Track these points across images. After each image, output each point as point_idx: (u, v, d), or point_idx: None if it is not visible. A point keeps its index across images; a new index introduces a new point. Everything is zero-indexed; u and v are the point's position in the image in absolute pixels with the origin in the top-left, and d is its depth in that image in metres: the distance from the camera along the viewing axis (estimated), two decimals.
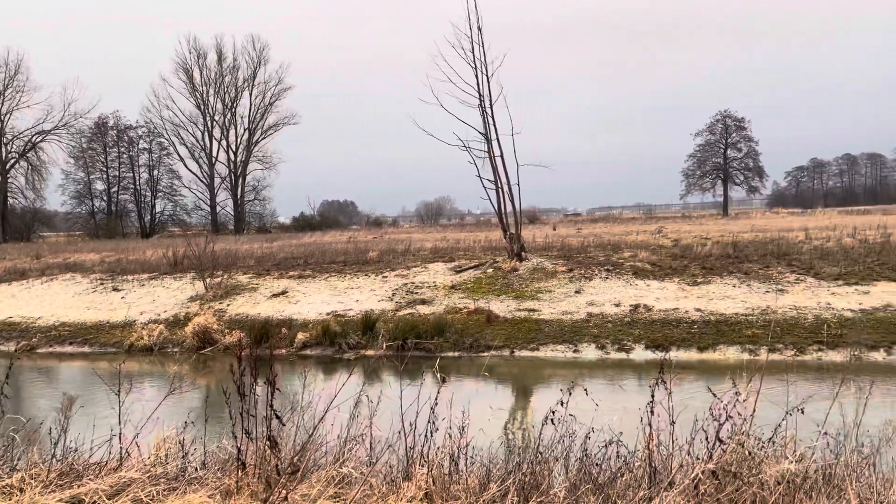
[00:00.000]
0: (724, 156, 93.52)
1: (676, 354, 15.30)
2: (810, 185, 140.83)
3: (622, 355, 15.54)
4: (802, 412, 4.71)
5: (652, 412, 4.40)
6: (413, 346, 16.31)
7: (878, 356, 14.43)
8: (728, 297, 18.21)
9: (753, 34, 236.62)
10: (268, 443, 4.31)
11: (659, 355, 15.13)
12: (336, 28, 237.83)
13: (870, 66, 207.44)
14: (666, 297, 18.64)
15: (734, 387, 4.38)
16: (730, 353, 15.09)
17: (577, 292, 19.56)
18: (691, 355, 15.24)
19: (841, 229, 33.31)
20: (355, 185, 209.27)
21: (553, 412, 4.69)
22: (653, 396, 4.39)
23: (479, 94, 22.87)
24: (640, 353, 15.47)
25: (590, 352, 15.81)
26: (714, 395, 4.32)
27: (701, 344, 15.60)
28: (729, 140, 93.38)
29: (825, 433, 4.69)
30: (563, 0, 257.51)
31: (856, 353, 14.56)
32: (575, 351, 15.88)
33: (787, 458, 4.06)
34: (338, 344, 16.99)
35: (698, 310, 17.44)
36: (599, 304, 18.44)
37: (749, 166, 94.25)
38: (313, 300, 20.76)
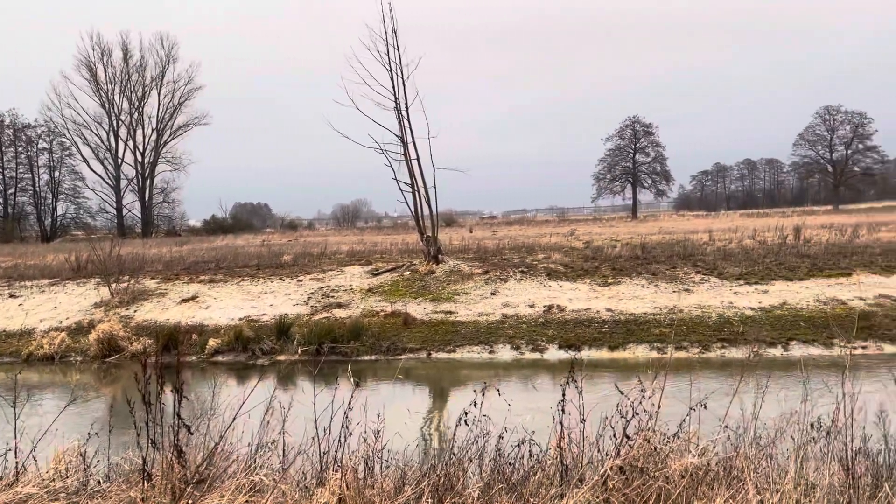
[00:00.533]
0: (633, 160, 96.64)
1: (588, 354, 15.65)
2: (714, 189, 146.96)
3: (536, 355, 15.79)
4: (705, 407, 4.90)
5: (563, 411, 4.48)
6: (329, 350, 16.12)
7: (776, 352, 15.15)
8: (637, 297, 18.78)
9: (664, 43, 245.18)
10: (174, 452, 4.17)
11: (572, 355, 15.45)
12: (250, 28, 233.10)
13: (769, 77, 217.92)
14: (578, 297, 19.06)
15: (640, 384, 4.51)
16: (639, 352, 15.55)
17: (492, 294, 19.77)
18: (602, 354, 15.62)
19: (742, 231, 34.89)
20: (269, 187, 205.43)
21: (466, 413, 4.73)
22: (563, 395, 4.48)
23: (395, 97, 22.86)
24: (553, 353, 15.75)
25: (505, 352, 15.99)
26: (621, 392, 4.45)
27: (612, 343, 16.01)
28: (637, 145, 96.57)
29: (726, 427, 4.89)
30: (481, 4, 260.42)
31: (755, 349, 15.25)
32: (491, 352, 16.03)
33: (691, 452, 4.22)
34: (251, 350, 16.62)
35: (609, 310, 17.91)
36: (514, 306, 18.69)
37: (657, 170, 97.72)
38: (225, 305, 20.25)
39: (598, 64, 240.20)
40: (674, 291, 19.14)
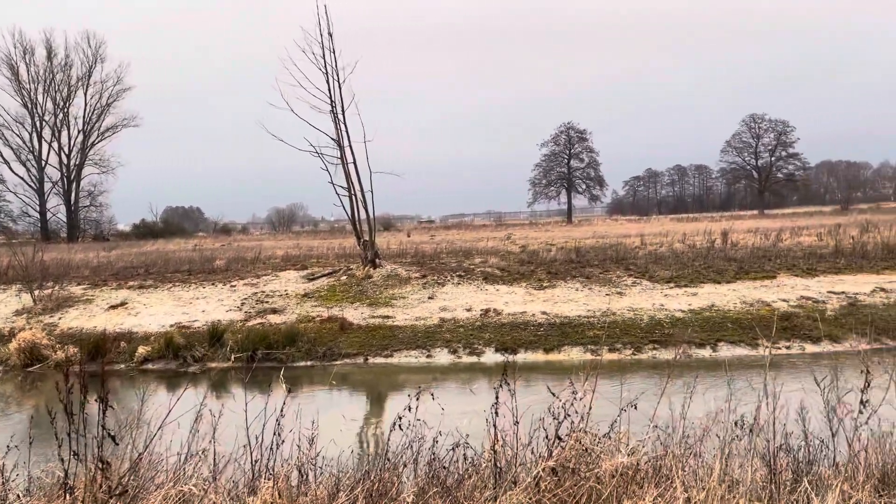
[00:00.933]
0: (567, 166, 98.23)
1: (524, 356, 15.81)
2: (646, 194, 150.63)
3: (473, 359, 15.86)
4: (636, 408, 5.00)
5: (496, 414, 4.51)
6: (263, 356, 15.85)
7: (705, 353, 15.59)
8: (572, 301, 19.06)
9: (599, 49, 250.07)
10: (98, 463, 4.03)
11: (508, 358, 15.59)
12: (182, 27, 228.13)
13: (699, 84, 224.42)
14: (514, 301, 19.24)
15: (572, 386, 4.57)
16: (573, 354, 15.78)
17: (430, 298, 19.79)
18: (538, 357, 15.79)
19: (673, 235, 35.81)
20: (202, 190, 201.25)
21: (400, 418, 4.71)
22: (497, 399, 4.51)
23: (331, 100, 22.69)
24: (490, 357, 15.84)
25: (442, 356, 16.02)
26: (553, 394, 4.50)
27: (547, 346, 16.21)
28: (572, 151, 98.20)
29: (655, 427, 5.00)
30: (419, 8, 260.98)
31: (682, 351, 15.66)
32: (428, 356, 16.03)
33: (621, 451, 4.29)
34: (182, 357, 16.22)
35: (544, 313, 18.12)
36: (452, 310, 18.74)
37: (591, 176, 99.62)
38: (155, 311, 19.72)
39: (535, 69, 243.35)
40: (607, 294, 19.50)
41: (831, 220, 47.64)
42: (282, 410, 5.05)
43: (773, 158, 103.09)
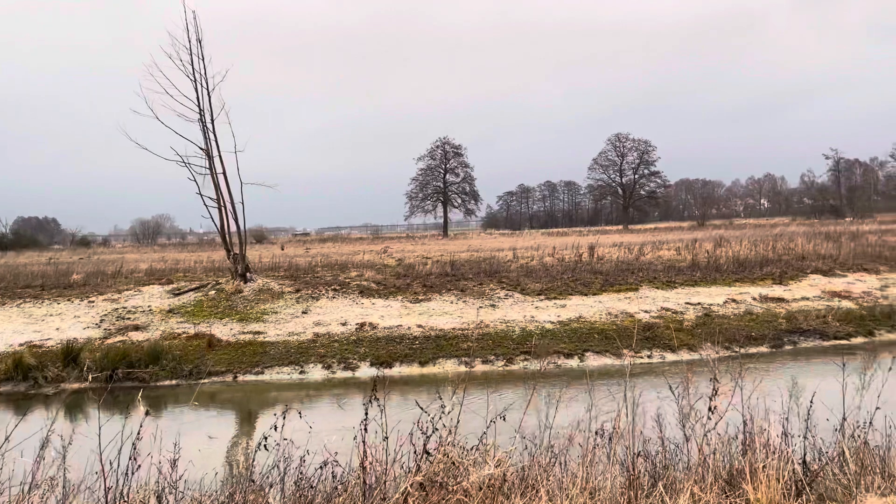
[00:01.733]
0: (443, 180, 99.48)
1: (400, 370, 15.79)
2: (519, 209, 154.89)
3: (348, 374, 15.68)
4: (504, 419, 5.08)
5: (366, 430, 4.45)
6: (124, 376, 15.01)
7: (573, 363, 16.13)
8: (447, 313, 19.25)
9: (475, 65, 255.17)
10: None
11: (383, 372, 15.52)
12: (40, 29, 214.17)
13: (568, 103, 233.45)
14: (390, 314, 19.20)
15: (441, 400, 4.58)
16: (448, 366, 15.91)
17: (304, 313, 19.42)
18: (413, 370, 15.81)
19: (543, 249, 36.94)
20: (58, 201, 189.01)
21: (266, 438, 4.56)
22: (366, 415, 4.45)
23: (200, 109, 21.89)
24: (365, 371, 15.71)
25: (316, 372, 15.73)
26: (422, 409, 4.49)
27: (422, 359, 16.26)
28: (448, 165, 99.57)
29: (523, 437, 5.09)
30: (295, 18, 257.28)
31: (546, 362, 16.14)
32: (301, 372, 15.70)
33: (489, 463, 4.34)
34: (33, 378, 15.09)
35: (420, 326, 18.19)
36: (326, 324, 18.47)
37: (466, 190, 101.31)
38: (3, 330, 18.27)
39: (414, 83, 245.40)
40: (481, 307, 19.83)
41: (689, 235, 50.65)
42: (139, 433, 4.77)
43: (636, 176, 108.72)
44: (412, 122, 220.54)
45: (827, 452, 4.98)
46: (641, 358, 16.41)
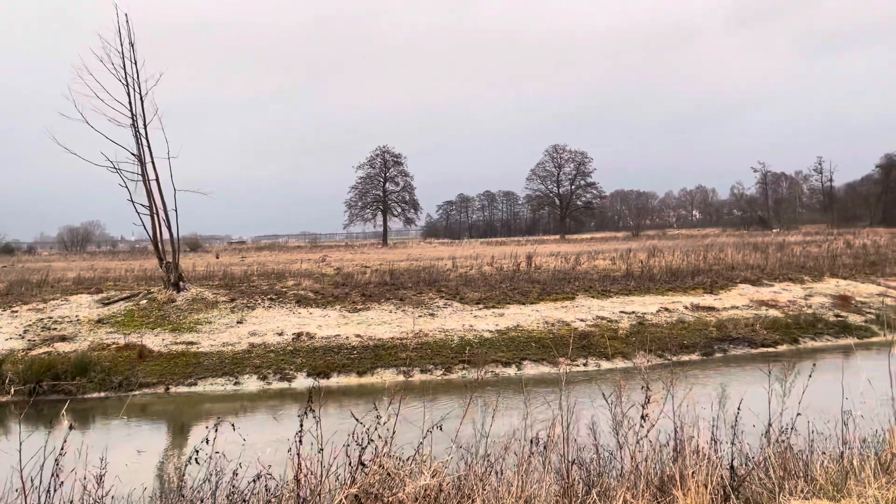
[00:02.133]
0: (383, 189, 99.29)
1: (338, 380, 15.64)
2: (458, 218, 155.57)
3: (284, 385, 15.45)
4: (441, 429, 5.07)
5: (300, 442, 4.39)
6: (49, 388, 14.46)
7: (511, 371, 16.24)
8: (385, 323, 19.17)
9: (415, 74, 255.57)
10: None
11: (320, 382, 15.35)
12: None
13: (508, 114, 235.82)
14: (328, 324, 19.02)
15: (377, 411, 4.55)
16: (387, 376, 15.83)
17: (239, 322, 19.07)
18: (351, 380, 15.68)
19: (482, 258, 37.17)
20: None
21: (197, 451, 4.45)
22: (301, 426, 4.39)
23: (132, 113, 21.34)
24: (302, 381, 15.50)
25: (251, 383, 15.46)
26: (357, 420, 4.45)
27: (360, 368, 16.14)
28: (388, 174, 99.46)
29: (460, 447, 5.09)
30: (235, 23, 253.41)
31: (483, 371, 16.24)
32: (236, 383, 15.40)
33: (425, 474, 4.33)
34: None
35: (358, 335, 18.06)
36: (262, 334, 18.17)
37: (405, 199, 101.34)
38: None
39: (356, 91, 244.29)
40: (419, 316, 19.81)
41: (624, 246, 51.72)
42: (62, 448, 4.59)
43: (573, 187, 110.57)
44: (353, 130, 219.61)
45: (753, 458, 5.13)
46: (577, 366, 16.64)
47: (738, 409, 5.27)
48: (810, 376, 5.44)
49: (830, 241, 47.37)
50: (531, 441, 4.95)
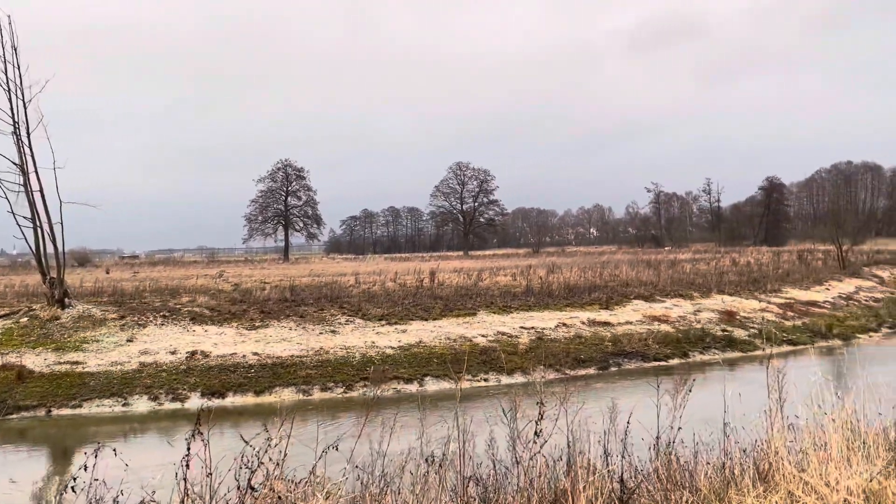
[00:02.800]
0: (285, 203, 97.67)
1: (234, 400, 15.18)
2: (362, 234, 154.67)
3: (177, 405, 14.86)
4: (337, 449, 4.97)
5: (188, 466, 4.20)
6: None
7: (413, 388, 16.21)
8: (285, 340, 18.76)
9: (319, 88, 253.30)
10: None
11: (215, 402, 14.86)
12: None
13: (415, 132, 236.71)
14: (224, 342, 18.45)
15: (268, 432, 4.42)
16: (286, 395, 15.48)
17: (129, 341, 18.23)
18: (248, 399, 15.25)
19: (386, 274, 37.05)
20: None
21: (75, 479, 4.20)
22: (188, 450, 4.20)
23: (14, 121, 20.15)
24: (196, 402, 14.95)
25: (142, 404, 14.79)
26: (246, 442, 4.31)
27: (258, 387, 15.72)
28: (290, 188, 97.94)
29: (356, 466, 5.01)
30: (130, 30, 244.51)
31: (395, 387, 16.15)
32: (125, 404, 14.70)
33: (317, 496, 4.23)
34: None
35: (256, 354, 17.60)
36: (154, 353, 17.44)
37: (308, 214, 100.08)
38: None
39: (256, 104, 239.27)
40: (321, 333, 19.51)
41: (525, 262, 52.70)
42: None
43: (476, 204, 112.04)
44: (254, 143, 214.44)
45: (642, 470, 5.28)
46: (479, 382, 16.78)
47: (628, 422, 5.42)
48: (690, 391, 5.66)
49: (718, 259, 49.81)
50: (426, 460, 4.92)
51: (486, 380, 16.92)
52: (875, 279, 40.05)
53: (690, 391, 5.61)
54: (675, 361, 19.31)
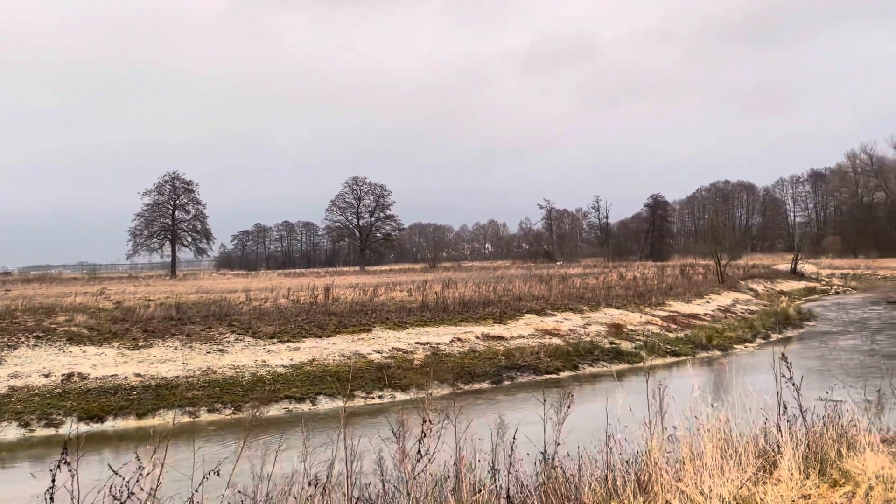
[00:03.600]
0: (172, 217, 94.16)
1: (114, 424, 14.45)
2: (255, 249, 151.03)
3: (51, 431, 13.98)
4: (218, 474, 4.78)
5: (52, 499, 3.93)
6: None
7: (305, 407, 15.89)
8: (170, 360, 18.02)
9: (206, 103, 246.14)
10: None
11: (94, 427, 14.11)
12: None
13: (310, 147, 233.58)
14: (104, 363, 17.53)
15: (139, 461, 4.20)
16: (170, 417, 14.85)
17: None
18: (130, 423, 14.53)
19: (279, 290, 36.24)
20: None
21: None
22: (53, 481, 3.93)
23: None
24: (71, 427, 14.11)
25: (10, 431, 13.83)
26: (115, 472, 4.08)
27: (140, 410, 15.01)
28: (177, 202, 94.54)
29: (238, 492, 4.83)
30: (7, 31, 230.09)
31: (286, 406, 15.78)
32: None
33: None
34: None
35: (138, 375, 16.82)
36: (26, 376, 16.36)
37: (197, 228, 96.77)
38: None
39: (140, 114, 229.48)
40: (208, 352, 18.85)
41: (421, 277, 52.82)
42: None
43: (372, 219, 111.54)
44: (139, 155, 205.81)
45: (528, 485, 5.34)
46: (373, 399, 16.64)
47: (514, 437, 5.48)
48: (570, 408, 5.79)
49: (606, 274, 51.53)
50: (309, 482, 4.80)
51: (380, 397, 16.80)
52: (751, 292, 42.57)
53: (570, 407, 5.72)
54: (566, 374, 19.78)
